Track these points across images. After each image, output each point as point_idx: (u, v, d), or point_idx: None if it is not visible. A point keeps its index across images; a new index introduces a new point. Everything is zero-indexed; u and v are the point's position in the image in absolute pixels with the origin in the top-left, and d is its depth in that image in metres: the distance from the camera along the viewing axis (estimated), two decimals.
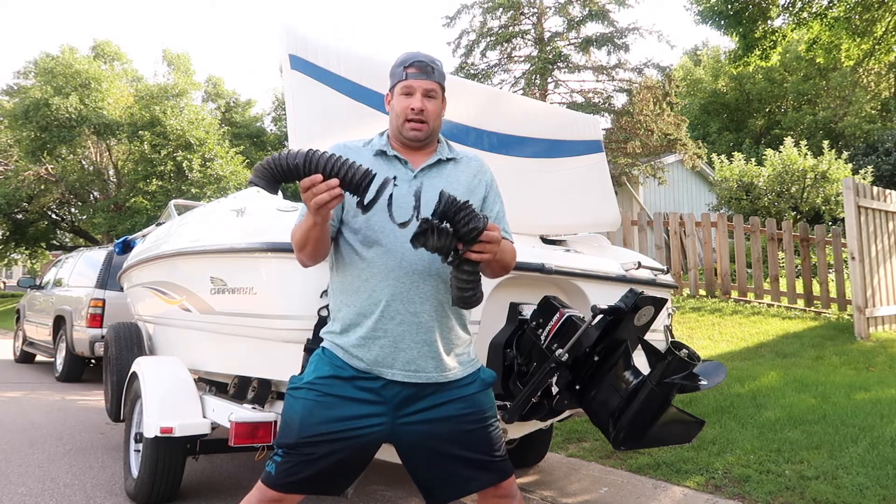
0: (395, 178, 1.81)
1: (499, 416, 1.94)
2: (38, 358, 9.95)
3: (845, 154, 14.52)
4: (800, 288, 8.87)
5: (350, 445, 1.74)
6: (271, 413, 2.71)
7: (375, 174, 1.60)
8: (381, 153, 1.88)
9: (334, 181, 1.57)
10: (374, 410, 1.75)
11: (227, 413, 2.69)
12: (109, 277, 7.31)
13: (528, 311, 2.29)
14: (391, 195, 1.78)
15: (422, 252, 1.66)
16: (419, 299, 1.77)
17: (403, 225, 1.73)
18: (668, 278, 3.41)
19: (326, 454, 1.73)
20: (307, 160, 1.59)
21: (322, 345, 1.85)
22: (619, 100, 16.57)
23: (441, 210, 1.54)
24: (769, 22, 9.78)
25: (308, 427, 1.73)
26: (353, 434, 1.73)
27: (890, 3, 9.49)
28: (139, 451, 3.29)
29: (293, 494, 1.78)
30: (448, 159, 1.92)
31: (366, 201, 1.59)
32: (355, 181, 1.58)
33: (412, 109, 1.84)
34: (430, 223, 1.54)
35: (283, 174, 1.60)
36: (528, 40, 16.83)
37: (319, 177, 1.58)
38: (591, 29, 16.39)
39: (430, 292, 1.78)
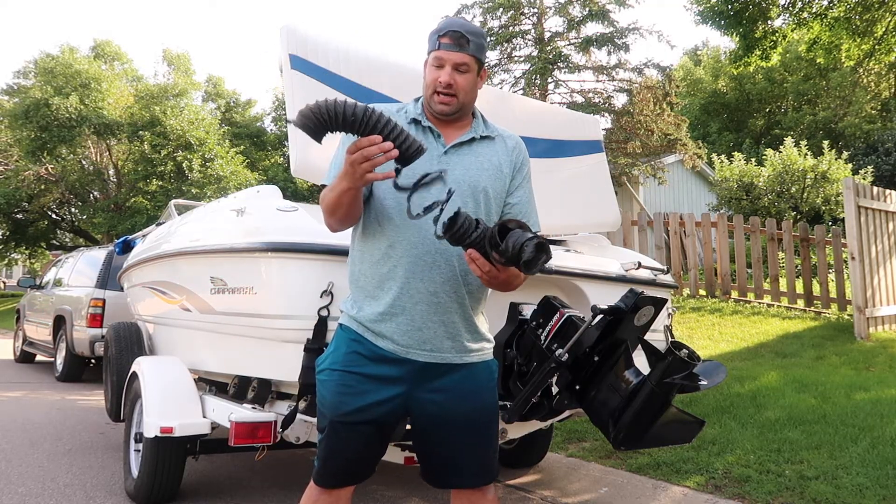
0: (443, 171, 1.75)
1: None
2: (38, 358, 9.95)
3: (845, 154, 14.52)
4: (800, 288, 8.87)
5: (374, 423, 1.75)
6: (271, 413, 2.71)
7: (426, 150, 1.50)
8: (416, 122, 1.82)
9: (389, 144, 1.46)
10: (393, 389, 1.74)
11: (227, 413, 2.70)
12: (109, 277, 7.31)
13: (528, 311, 2.29)
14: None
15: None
16: (440, 279, 1.73)
17: (428, 209, 1.61)
18: (668, 278, 3.40)
19: (355, 434, 1.74)
20: (366, 115, 1.45)
21: (340, 322, 1.84)
22: (619, 100, 16.56)
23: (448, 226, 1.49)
24: (769, 22, 9.80)
25: (336, 407, 1.74)
26: (375, 413, 1.73)
27: (890, 3, 9.50)
28: (139, 450, 3.29)
29: (340, 489, 1.79)
30: (482, 137, 1.85)
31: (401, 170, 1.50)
32: (408, 155, 1.47)
33: (440, 82, 1.77)
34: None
35: (335, 123, 1.45)
36: (528, 40, 16.80)
37: (379, 138, 1.45)
38: (592, 29, 16.37)
39: (450, 273, 1.74)
